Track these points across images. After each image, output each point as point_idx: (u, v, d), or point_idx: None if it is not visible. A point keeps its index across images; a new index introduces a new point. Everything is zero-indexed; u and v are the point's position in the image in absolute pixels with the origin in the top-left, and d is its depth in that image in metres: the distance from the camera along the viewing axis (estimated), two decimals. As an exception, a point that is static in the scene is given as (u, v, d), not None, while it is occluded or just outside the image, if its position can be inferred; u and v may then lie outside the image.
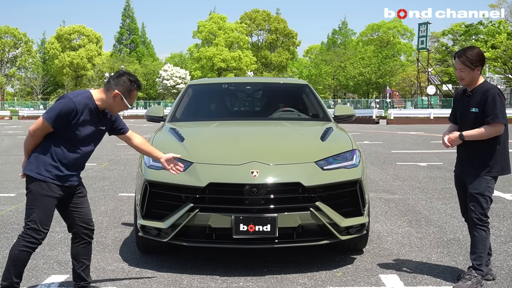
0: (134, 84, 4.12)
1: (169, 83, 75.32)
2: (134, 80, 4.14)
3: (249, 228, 4.60)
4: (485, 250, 4.55)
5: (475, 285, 4.44)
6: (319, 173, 4.87)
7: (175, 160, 4.52)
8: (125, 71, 4.21)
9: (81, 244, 4.26)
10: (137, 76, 28.89)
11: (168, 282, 4.68)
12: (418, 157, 14.69)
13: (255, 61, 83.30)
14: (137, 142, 4.51)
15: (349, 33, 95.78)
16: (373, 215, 7.19)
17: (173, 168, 4.52)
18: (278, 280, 4.73)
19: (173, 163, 4.52)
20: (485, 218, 4.54)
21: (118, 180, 10.73)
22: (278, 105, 7.12)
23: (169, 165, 4.51)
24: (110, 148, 18.41)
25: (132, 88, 4.11)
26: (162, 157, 4.49)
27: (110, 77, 4.16)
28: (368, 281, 4.71)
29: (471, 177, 4.58)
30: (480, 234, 4.53)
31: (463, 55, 4.54)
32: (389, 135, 25.27)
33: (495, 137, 4.50)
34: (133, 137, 4.50)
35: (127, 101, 4.12)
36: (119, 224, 6.94)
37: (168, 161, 4.50)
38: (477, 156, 4.56)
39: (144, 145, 4.54)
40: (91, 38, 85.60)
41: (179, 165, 4.52)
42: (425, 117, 41.73)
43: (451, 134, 4.63)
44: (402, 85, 76.41)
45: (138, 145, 4.51)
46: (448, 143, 4.62)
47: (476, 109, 4.53)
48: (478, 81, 4.60)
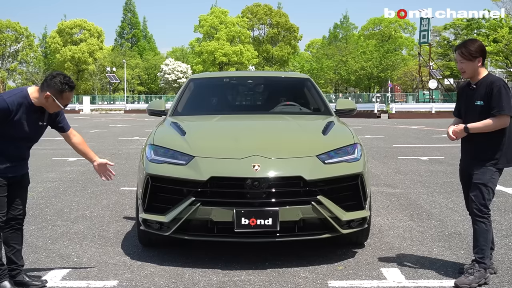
0: (66, 86, 4.20)
1: (171, 77, 75.28)
2: (66, 82, 4.21)
3: (251, 222, 4.61)
4: (487, 242, 4.50)
5: (478, 279, 4.39)
6: (320, 167, 4.87)
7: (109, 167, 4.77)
8: (59, 72, 4.31)
9: (11, 230, 4.38)
10: (139, 70, 28.76)
11: (170, 276, 4.69)
12: (419, 151, 14.68)
13: (256, 55, 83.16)
14: (74, 140, 4.69)
15: (350, 27, 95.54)
16: (375, 209, 7.20)
17: (105, 175, 4.77)
18: (279, 273, 4.74)
19: (106, 170, 4.77)
20: (486, 210, 4.48)
21: (119, 174, 10.73)
22: (279, 99, 7.10)
23: (101, 171, 4.76)
24: (112, 142, 18.45)
25: (64, 90, 4.19)
26: (96, 161, 4.75)
27: (45, 78, 4.25)
28: (369, 274, 4.71)
29: (476, 169, 4.53)
30: (480, 226, 4.48)
31: (462, 47, 4.52)
32: (391, 129, 25.26)
33: (500, 129, 4.45)
34: (71, 135, 4.67)
35: (59, 102, 4.21)
36: (121, 218, 6.95)
37: (101, 167, 4.75)
38: (482, 149, 4.52)
39: (81, 145, 4.71)
40: (93, 33, 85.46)
41: (112, 173, 4.78)
42: (427, 111, 41.71)
43: (456, 126, 4.59)
44: (403, 79, 76.24)
45: (75, 144, 4.70)
46: (453, 135, 4.57)
47: (481, 102, 4.48)
48: (481, 73, 4.55)
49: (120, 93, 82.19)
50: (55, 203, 7.88)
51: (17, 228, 4.43)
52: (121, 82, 77.68)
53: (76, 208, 7.52)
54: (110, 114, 55.58)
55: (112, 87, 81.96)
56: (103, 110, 62.92)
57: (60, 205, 7.77)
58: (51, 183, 9.69)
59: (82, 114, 55.31)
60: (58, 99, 4.19)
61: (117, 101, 76.10)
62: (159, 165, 4.97)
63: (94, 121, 37.80)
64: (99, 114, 55.26)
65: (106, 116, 47.93)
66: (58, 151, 15.09)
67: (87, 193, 8.67)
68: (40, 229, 6.35)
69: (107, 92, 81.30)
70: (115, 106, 68.89)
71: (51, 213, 7.22)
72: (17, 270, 4.42)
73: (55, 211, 7.37)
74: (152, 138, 5.41)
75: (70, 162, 12.73)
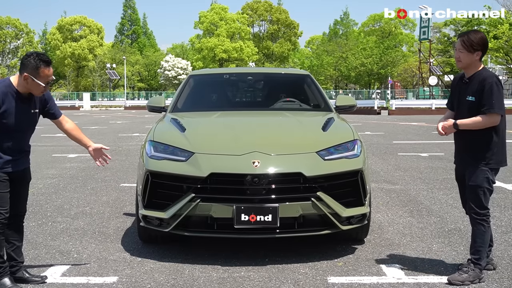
0: (40, 62, 4.12)
1: (171, 73, 75.18)
2: (40, 58, 4.13)
3: (251, 218, 4.61)
4: (484, 244, 4.43)
5: (472, 278, 4.35)
6: (320, 163, 4.87)
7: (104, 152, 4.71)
8: (32, 51, 4.25)
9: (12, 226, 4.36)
10: (139, 67, 28.71)
11: (170, 272, 4.69)
12: (419, 148, 14.69)
13: (256, 51, 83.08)
14: (67, 127, 4.63)
15: (350, 24, 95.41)
16: (374, 205, 7.20)
17: (100, 160, 4.71)
18: (279, 269, 4.75)
19: (102, 154, 4.71)
20: (483, 211, 4.39)
21: (120, 170, 10.74)
22: (279, 95, 7.10)
23: (97, 156, 4.69)
24: (112, 138, 18.45)
25: (38, 66, 4.12)
26: (91, 146, 4.68)
27: (21, 61, 4.19)
28: (369, 271, 4.72)
29: (469, 168, 4.43)
30: (478, 228, 4.41)
31: (465, 36, 4.38)
32: (391, 125, 25.26)
33: (492, 127, 4.32)
34: (64, 122, 4.62)
35: (39, 81, 4.13)
36: (121, 214, 6.95)
37: (96, 151, 4.68)
38: (473, 147, 4.40)
39: (74, 130, 4.66)
40: (93, 29, 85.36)
41: (107, 157, 4.72)
42: (427, 108, 41.70)
43: (446, 122, 4.47)
44: (403, 75, 76.19)
45: (68, 130, 4.64)
46: (442, 131, 4.46)
47: (473, 97, 4.35)
48: (477, 67, 4.40)
49: (120, 90, 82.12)
50: (55, 200, 7.88)
51: (18, 224, 4.43)
52: (121, 78, 77.57)
53: (76, 205, 7.53)
54: (110, 110, 55.53)
55: (112, 84, 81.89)
56: (103, 106, 62.92)
57: (60, 201, 7.77)
58: (51, 179, 9.69)
59: (82, 111, 55.26)
60: (36, 77, 4.11)
61: (117, 98, 76.09)
62: (159, 162, 4.97)
63: (94, 117, 37.79)
64: (99, 111, 55.22)
65: (106, 113, 47.89)
66: (58, 147, 15.09)
67: (87, 190, 8.67)
68: (40, 226, 6.36)
69: (107, 89, 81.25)
70: (115, 102, 68.87)
71: (51, 210, 7.22)
72: (17, 267, 4.43)
73: (55, 207, 7.38)
74: (152, 135, 5.41)
75: (70, 158, 12.73)
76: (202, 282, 4.46)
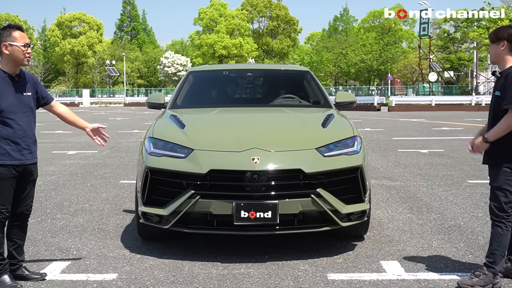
0: (10, 27, 4.19)
1: (170, 70, 75.18)
2: (9, 25, 4.23)
3: (250, 214, 4.60)
4: (500, 247, 4.20)
5: (483, 283, 4.17)
6: (320, 160, 4.86)
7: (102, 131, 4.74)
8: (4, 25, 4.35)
9: (15, 225, 4.36)
10: (138, 64, 29.00)
11: (170, 269, 4.69)
12: (419, 144, 14.68)
13: (256, 48, 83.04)
14: (61, 110, 4.64)
15: (350, 20, 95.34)
16: (374, 201, 7.19)
17: (98, 139, 4.72)
18: (279, 266, 4.74)
19: (100, 133, 4.73)
20: (502, 214, 4.17)
21: (119, 167, 10.74)
22: (279, 92, 7.09)
23: (95, 135, 4.71)
24: (112, 135, 18.40)
25: (11, 31, 4.17)
26: (88, 127, 4.70)
27: None
28: (369, 267, 4.71)
29: (491, 168, 4.28)
30: (496, 230, 4.23)
31: (494, 30, 4.27)
32: (391, 122, 25.24)
33: None
34: (57, 106, 4.63)
35: (16, 43, 4.14)
36: (120, 211, 6.95)
37: (94, 131, 4.69)
38: (494, 147, 4.19)
39: (68, 113, 4.68)
40: (92, 26, 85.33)
41: (105, 135, 4.75)
42: (427, 104, 41.68)
43: (476, 140, 4.24)
44: (403, 72, 76.16)
45: (62, 113, 4.65)
46: (474, 150, 4.27)
47: (498, 92, 4.15)
48: (506, 61, 4.18)
49: (119, 86, 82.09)
50: (55, 196, 7.87)
51: (22, 223, 4.40)
52: (121, 75, 77.59)
53: (76, 202, 7.52)
54: (109, 107, 55.53)
55: (111, 80, 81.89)
56: (103, 103, 62.90)
57: (59, 198, 7.77)
58: (51, 176, 9.68)
59: (81, 107, 55.27)
60: (13, 42, 4.13)
61: (116, 94, 76.10)
62: (158, 158, 4.96)
63: (93, 114, 37.78)
64: (99, 107, 55.24)
65: (105, 109, 47.88)
66: (57, 144, 15.08)
67: (86, 187, 8.67)
68: (40, 222, 6.35)
69: (107, 85, 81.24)
70: (114, 99, 68.90)
71: (51, 206, 7.22)
72: (17, 265, 4.41)
73: (54, 204, 7.37)
74: (151, 131, 5.40)
75: (69, 155, 12.73)
76: (201, 278, 4.46)
